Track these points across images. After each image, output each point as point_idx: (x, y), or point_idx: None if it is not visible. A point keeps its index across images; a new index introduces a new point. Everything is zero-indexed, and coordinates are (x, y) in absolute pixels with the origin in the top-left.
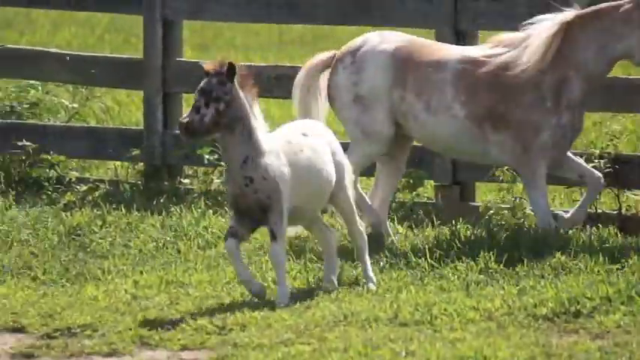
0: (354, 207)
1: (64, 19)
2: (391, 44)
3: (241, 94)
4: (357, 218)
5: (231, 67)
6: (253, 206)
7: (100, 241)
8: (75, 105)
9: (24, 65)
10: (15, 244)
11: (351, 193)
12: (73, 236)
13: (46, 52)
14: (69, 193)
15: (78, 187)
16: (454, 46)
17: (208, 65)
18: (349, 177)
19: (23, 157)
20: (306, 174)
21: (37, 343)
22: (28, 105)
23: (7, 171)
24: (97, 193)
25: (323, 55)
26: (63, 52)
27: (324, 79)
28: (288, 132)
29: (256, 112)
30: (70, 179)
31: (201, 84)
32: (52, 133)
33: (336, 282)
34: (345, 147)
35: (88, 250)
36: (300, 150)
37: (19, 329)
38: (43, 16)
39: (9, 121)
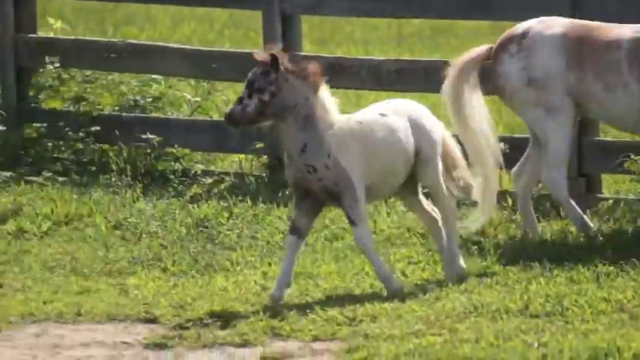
0: (441, 184)
1: (184, 15)
2: (559, 28)
3: (293, 82)
4: (446, 196)
5: (274, 58)
6: (320, 193)
7: (227, 232)
8: (197, 99)
9: (146, 60)
10: (144, 235)
11: (438, 170)
12: (201, 228)
13: (168, 47)
14: (195, 186)
15: (203, 179)
16: (624, 25)
17: (256, 55)
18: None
19: (148, 150)
20: (378, 153)
21: (170, 333)
22: (151, 99)
23: (133, 164)
24: (222, 186)
25: (479, 49)
26: (184, 46)
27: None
28: (363, 113)
29: (321, 99)
30: (196, 172)
31: (248, 75)
32: (176, 127)
33: (458, 267)
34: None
35: (216, 241)
36: (371, 130)
37: (152, 320)
38: (163, 12)
39: (133, 114)
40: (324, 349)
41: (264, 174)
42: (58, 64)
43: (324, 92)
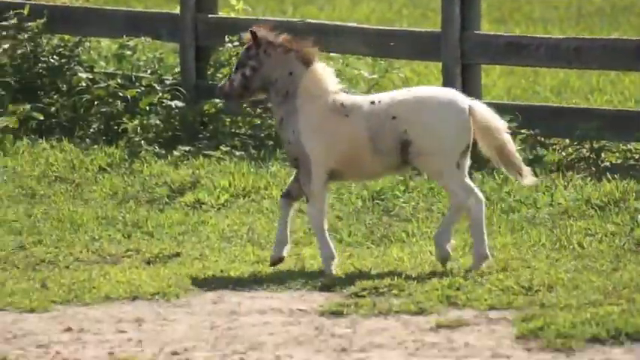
0: (445, 177)
1: None
2: None
3: (277, 58)
4: (451, 190)
5: (253, 35)
6: (291, 164)
7: (403, 205)
8: (374, 76)
9: (324, 39)
10: None
11: (438, 163)
12: (377, 200)
13: (345, 26)
14: None
15: None
16: None
17: (245, 33)
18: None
19: None
20: (343, 139)
21: (346, 301)
22: None
23: None
24: None
25: None
26: (362, 25)
27: None
28: (383, 94)
29: (310, 76)
30: None
31: None
32: None
33: (483, 258)
34: None
35: (392, 213)
36: (353, 114)
37: (327, 288)
38: None
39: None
40: (500, 317)
41: None
42: (237, 43)
43: (316, 69)
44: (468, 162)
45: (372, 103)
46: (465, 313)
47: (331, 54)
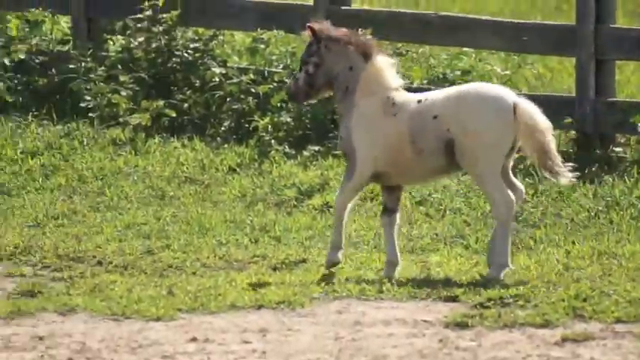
0: (484, 177)
1: None
2: None
3: (338, 52)
4: (489, 192)
5: (312, 30)
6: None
7: (531, 210)
8: (507, 72)
9: (457, 33)
10: (447, 212)
11: (479, 162)
12: None
13: (479, 20)
14: None
15: None
16: None
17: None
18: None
19: None
20: (387, 135)
21: (471, 312)
22: (460, 72)
23: None
24: (528, 162)
25: None
26: (495, 19)
27: None
28: (433, 93)
29: (370, 70)
30: None
31: None
32: None
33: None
34: None
35: (520, 218)
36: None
37: (453, 298)
38: None
39: (441, 87)
40: (626, 331)
41: (571, 150)
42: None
43: (377, 63)
44: (511, 163)
45: (419, 102)
46: (590, 326)
47: (464, 48)
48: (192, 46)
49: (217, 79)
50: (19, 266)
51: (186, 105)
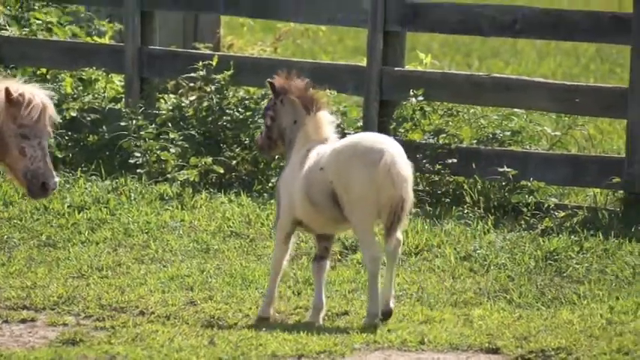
0: (360, 227)
1: (550, 48)
2: None
3: (287, 107)
4: (362, 241)
5: (271, 85)
6: None
7: (576, 266)
8: (557, 133)
9: (509, 94)
10: (492, 267)
11: (358, 212)
12: (550, 261)
13: (531, 81)
14: (547, 219)
15: (556, 213)
16: None
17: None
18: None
19: (503, 183)
20: (295, 186)
21: None
22: (510, 132)
23: (486, 196)
24: (575, 220)
25: None
26: (547, 80)
27: None
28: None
29: (309, 124)
30: (549, 205)
31: None
32: (533, 160)
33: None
34: None
35: (564, 274)
36: (305, 163)
37: (494, 350)
38: (529, 46)
39: (491, 148)
40: None
41: (618, 209)
42: (421, 97)
43: (317, 117)
44: (401, 222)
45: (318, 154)
46: None
47: (515, 110)
48: (243, 104)
49: None
50: (62, 316)
51: (234, 162)
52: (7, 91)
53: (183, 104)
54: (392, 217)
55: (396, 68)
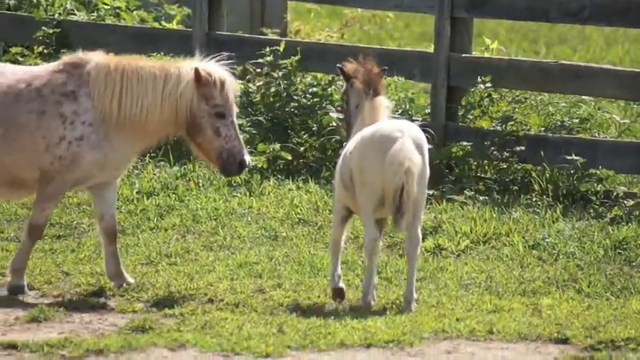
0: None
1: (618, 35)
2: None
3: (355, 91)
4: (365, 219)
5: (340, 70)
6: None
7: None
8: (626, 120)
9: (576, 81)
10: (561, 256)
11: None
12: (619, 250)
13: (598, 68)
14: (616, 208)
15: (625, 201)
16: None
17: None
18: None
19: (572, 171)
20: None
21: (580, 354)
22: (578, 120)
23: (555, 184)
24: None
25: None
26: (615, 67)
27: None
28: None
29: (367, 108)
30: (618, 194)
31: None
32: (601, 148)
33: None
34: None
35: (634, 264)
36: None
37: (563, 340)
38: (597, 33)
39: (559, 135)
40: None
41: None
42: (489, 84)
43: (374, 101)
44: (403, 213)
45: (357, 138)
46: None
47: (583, 97)
48: (310, 90)
49: (334, 124)
50: (132, 303)
51: (302, 148)
52: (197, 72)
53: (250, 90)
54: (394, 207)
55: (464, 55)
